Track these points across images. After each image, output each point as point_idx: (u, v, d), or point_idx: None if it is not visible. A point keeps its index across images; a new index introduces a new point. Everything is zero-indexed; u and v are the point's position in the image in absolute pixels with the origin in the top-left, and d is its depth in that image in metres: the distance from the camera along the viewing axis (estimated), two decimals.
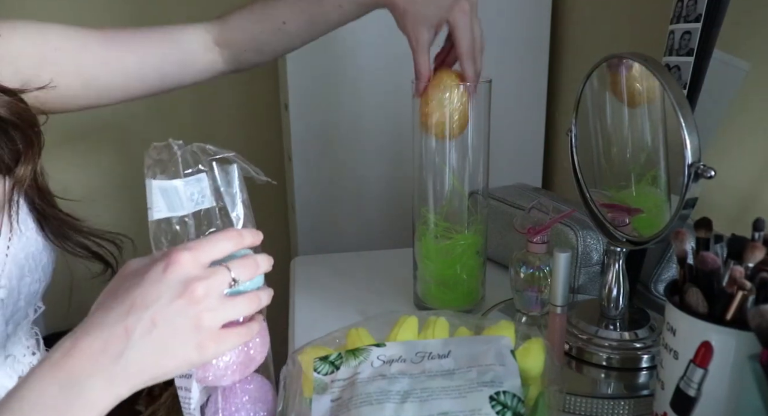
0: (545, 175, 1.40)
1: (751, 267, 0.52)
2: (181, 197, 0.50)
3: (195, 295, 0.46)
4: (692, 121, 0.59)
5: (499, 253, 0.98)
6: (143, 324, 0.45)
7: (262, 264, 0.51)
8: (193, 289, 0.46)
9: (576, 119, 0.73)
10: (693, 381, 0.52)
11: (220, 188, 0.52)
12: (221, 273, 0.48)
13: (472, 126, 0.80)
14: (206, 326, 0.47)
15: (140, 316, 0.45)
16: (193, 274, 0.47)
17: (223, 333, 0.48)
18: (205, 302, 0.46)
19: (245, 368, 0.53)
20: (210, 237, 0.49)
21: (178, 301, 0.45)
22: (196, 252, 0.47)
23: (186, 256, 0.46)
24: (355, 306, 0.90)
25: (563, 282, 0.67)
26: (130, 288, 0.46)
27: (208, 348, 0.47)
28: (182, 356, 0.46)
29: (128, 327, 0.45)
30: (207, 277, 0.47)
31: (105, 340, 0.44)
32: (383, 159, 1.28)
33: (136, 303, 0.45)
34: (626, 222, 0.71)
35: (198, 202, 0.51)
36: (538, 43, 1.29)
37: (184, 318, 0.46)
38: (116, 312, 0.45)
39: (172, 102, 1.60)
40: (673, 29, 0.72)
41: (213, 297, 0.47)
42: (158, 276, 0.46)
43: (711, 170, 0.58)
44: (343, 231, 1.31)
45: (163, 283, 0.46)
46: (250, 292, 0.50)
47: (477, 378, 0.54)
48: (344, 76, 1.23)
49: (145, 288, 0.46)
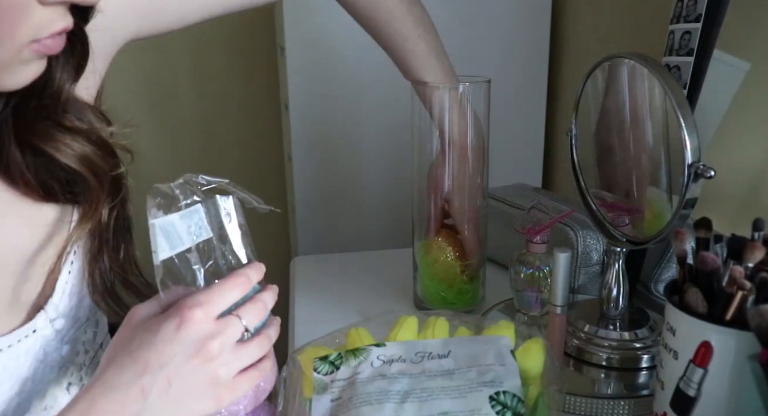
0: (545, 175, 1.40)
1: (750, 267, 0.52)
2: (179, 232, 0.49)
3: (210, 353, 0.46)
4: (692, 121, 0.59)
5: (499, 253, 0.98)
6: (159, 385, 0.45)
7: (269, 302, 0.52)
8: (209, 348, 0.46)
9: (576, 119, 0.73)
10: (693, 381, 0.52)
11: (218, 218, 0.51)
12: (233, 324, 0.48)
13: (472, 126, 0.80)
14: (222, 380, 0.47)
15: (156, 376, 0.45)
16: (206, 332, 0.46)
17: (237, 381, 0.49)
18: (220, 358, 0.47)
19: (256, 400, 0.53)
20: (220, 288, 0.49)
21: (194, 360, 0.46)
22: (207, 307, 0.47)
23: (198, 314, 0.46)
24: (355, 306, 0.90)
25: (563, 282, 0.67)
26: (143, 346, 0.46)
27: (224, 399, 0.48)
28: (199, 410, 0.47)
29: (144, 387, 0.45)
30: (221, 333, 0.47)
31: (121, 402, 0.44)
32: (383, 159, 1.28)
33: (150, 363, 0.45)
34: (626, 223, 0.71)
35: (197, 235, 0.50)
36: (538, 43, 1.29)
37: (199, 376, 0.46)
38: (131, 372, 0.45)
39: (173, 102, 1.60)
40: (673, 29, 0.72)
41: (227, 352, 0.47)
42: (171, 335, 0.46)
43: (711, 170, 0.58)
44: (343, 231, 1.31)
45: (176, 342, 0.46)
46: (260, 335, 0.50)
47: (477, 378, 0.54)
48: (344, 77, 1.23)
49: (159, 348, 0.45)
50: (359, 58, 1.22)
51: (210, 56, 1.60)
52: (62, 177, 0.56)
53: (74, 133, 0.55)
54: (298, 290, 0.97)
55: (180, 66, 1.58)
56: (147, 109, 1.59)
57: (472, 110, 0.77)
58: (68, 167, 0.55)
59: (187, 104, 1.61)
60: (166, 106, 1.60)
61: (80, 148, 0.55)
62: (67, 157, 0.54)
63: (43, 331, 0.56)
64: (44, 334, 0.56)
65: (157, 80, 1.58)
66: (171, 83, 1.59)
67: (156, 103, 1.60)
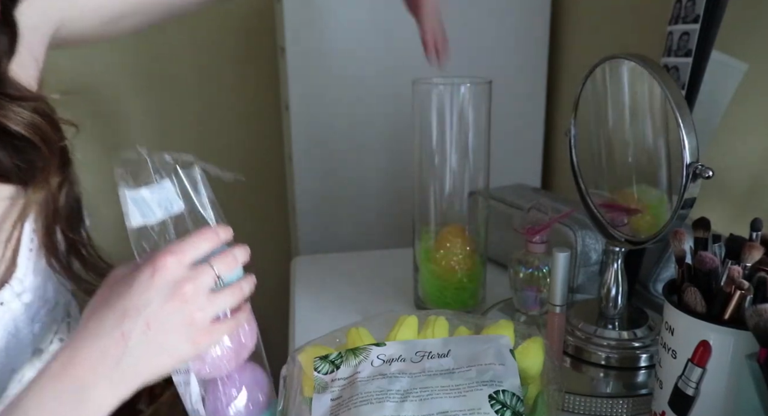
0: (545, 175, 1.40)
1: (748, 266, 0.52)
2: (150, 205, 0.52)
3: (185, 296, 0.48)
4: (690, 122, 0.59)
5: (499, 253, 0.98)
6: (138, 329, 0.47)
7: (239, 257, 0.53)
8: (183, 291, 0.48)
9: (575, 119, 0.73)
10: (691, 380, 0.52)
11: (188, 192, 0.53)
12: (206, 271, 0.50)
13: (473, 126, 0.80)
14: (198, 323, 0.49)
15: (135, 321, 0.47)
16: (179, 276, 0.49)
17: (214, 326, 0.51)
18: (194, 301, 0.49)
19: (238, 356, 0.55)
20: (189, 239, 0.51)
21: (170, 303, 0.48)
22: (179, 255, 0.49)
23: (171, 260, 0.48)
24: (355, 306, 0.90)
25: (562, 282, 0.67)
26: (121, 295, 0.48)
27: (201, 343, 0.50)
28: (177, 353, 0.49)
29: (124, 333, 0.47)
30: (194, 278, 0.49)
31: (103, 348, 0.46)
32: (383, 159, 1.29)
33: (128, 309, 0.47)
34: (625, 222, 0.71)
35: (168, 208, 0.52)
36: (538, 44, 1.29)
37: (176, 319, 0.48)
38: (111, 320, 0.47)
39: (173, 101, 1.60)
40: (671, 30, 0.72)
41: (201, 296, 0.49)
42: (147, 281, 0.48)
43: (709, 170, 0.58)
44: (343, 231, 1.32)
45: (152, 288, 0.48)
46: (233, 285, 0.52)
47: (476, 377, 0.54)
48: (344, 77, 1.23)
49: (136, 295, 0.47)
50: (359, 59, 1.22)
51: (210, 57, 1.60)
52: (12, 147, 0.57)
53: (21, 101, 0.57)
54: (298, 290, 0.97)
55: (180, 66, 1.58)
56: (147, 108, 1.59)
57: None
58: (19, 134, 0.56)
59: (188, 105, 1.61)
60: (166, 107, 1.60)
61: (29, 116, 0.57)
62: (18, 124, 0.55)
63: (11, 304, 0.58)
64: (12, 308, 0.58)
65: (157, 81, 1.59)
66: (171, 84, 1.60)
67: (156, 103, 1.61)
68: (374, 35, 1.20)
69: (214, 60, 1.61)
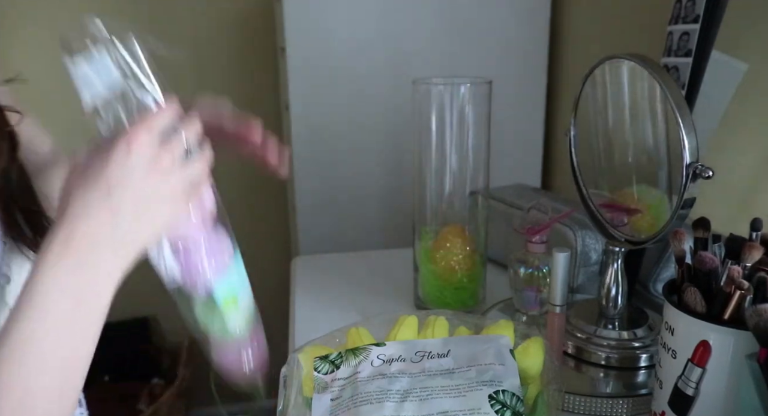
0: (545, 175, 1.40)
1: (748, 266, 0.52)
2: (92, 80, 0.52)
3: (164, 168, 0.50)
4: (690, 122, 0.59)
5: (499, 253, 0.98)
6: (126, 200, 0.49)
7: (194, 120, 0.55)
8: (162, 164, 0.50)
9: (575, 120, 0.73)
10: (691, 380, 0.52)
11: (127, 63, 0.54)
12: (177, 138, 0.52)
13: (473, 126, 0.80)
14: (178, 190, 0.52)
15: (121, 196, 0.49)
16: (155, 149, 0.50)
17: (192, 190, 0.53)
18: (172, 171, 0.51)
19: (205, 219, 0.57)
20: (153, 114, 0.52)
21: (151, 176, 0.50)
22: (149, 129, 0.51)
23: (143, 134, 0.50)
24: (355, 306, 0.90)
25: (562, 282, 0.67)
26: (101, 173, 0.49)
27: (183, 207, 0.53)
28: (160, 221, 0.52)
29: (112, 207, 0.48)
30: (169, 150, 0.51)
31: (95, 224, 0.48)
32: (383, 159, 1.29)
33: (112, 184, 0.49)
34: (625, 223, 0.71)
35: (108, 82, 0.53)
36: (538, 43, 1.29)
37: (160, 189, 0.50)
38: (97, 195, 0.48)
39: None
40: (671, 30, 0.72)
41: (177, 164, 0.52)
42: (124, 158, 0.49)
43: (709, 170, 0.58)
44: (343, 231, 1.32)
45: (131, 162, 0.49)
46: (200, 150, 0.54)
47: (476, 377, 0.54)
48: (344, 77, 1.23)
49: (116, 170, 0.49)
50: (359, 59, 1.22)
51: (210, 57, 1.60)
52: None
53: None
54: (298, 290, 0.97)
55: (180, 67, 1.58)
56: None
57: None
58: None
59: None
60: None
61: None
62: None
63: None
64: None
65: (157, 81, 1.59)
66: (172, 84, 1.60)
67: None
68: (374, 35, 1.20)
69: (215, 60, 1.61)
